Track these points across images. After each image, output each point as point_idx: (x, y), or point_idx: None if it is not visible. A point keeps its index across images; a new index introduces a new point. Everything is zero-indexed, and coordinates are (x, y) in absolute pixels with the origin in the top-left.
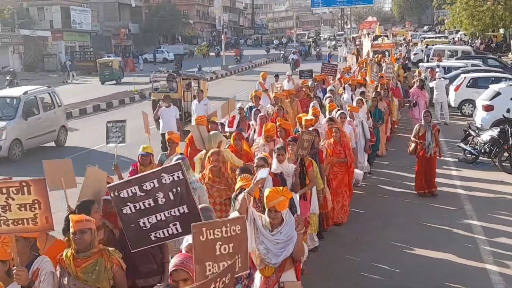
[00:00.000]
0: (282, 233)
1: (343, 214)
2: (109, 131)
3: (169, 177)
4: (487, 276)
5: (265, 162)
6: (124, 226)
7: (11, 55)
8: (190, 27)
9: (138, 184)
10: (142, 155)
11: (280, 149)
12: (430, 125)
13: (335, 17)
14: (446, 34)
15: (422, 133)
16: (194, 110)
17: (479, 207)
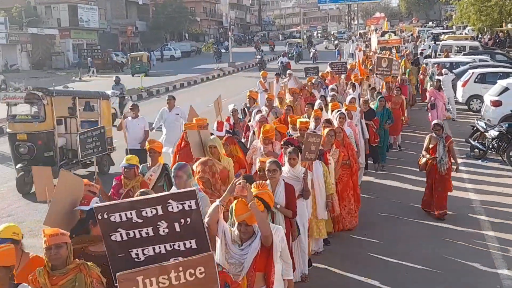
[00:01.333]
0: (252, 246)
1: (350, 219)
2: (83, 143)
3: (178, 205)
4: (495, 271)
5: (277, 166)
6: (110, 254)
7: (19, 53)
8: (197, 24)
9: (136, 208)
10: (126, 167)
11: (291, 153)
12: (442, 136)
13: (342, 13)
14: (454, 30)
15: (433, 146)
16: (164, 120)
17: (487, 203)
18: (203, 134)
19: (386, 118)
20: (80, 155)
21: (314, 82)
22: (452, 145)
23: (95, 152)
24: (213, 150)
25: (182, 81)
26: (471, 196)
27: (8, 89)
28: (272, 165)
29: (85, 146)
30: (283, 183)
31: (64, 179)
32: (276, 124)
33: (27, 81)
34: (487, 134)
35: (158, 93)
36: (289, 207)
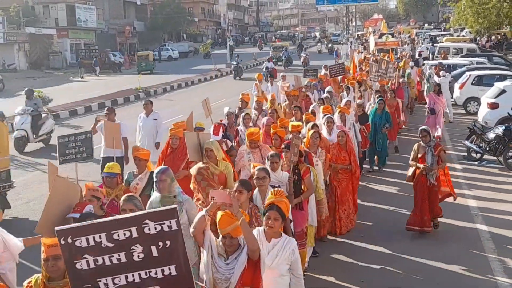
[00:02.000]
0: (239, 260)
1: (347, 223)
2: (62, 147)
3: (156, 226)
4: (492, 273)
5: (266, 173)
6: (74, 286)
7: (16, 53)
8: (195, 25)
9: (106, 231)
10: (107, 176)
11: (273, 156)
12: (431, 145)
13: (340, 14)
14: (451, 32)
15: (422, 155)
16: (141, 126)
17: (483, 205)
18: (201, 137)
19: (384, 122)
20: (58, 159)
21: (307, 84)
22: (442, 153)
23: (77, 158)
24: (209, 153)
25: (180, 81)
26: (467, 198)
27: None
28: (261, 172)
29: (64, 150)
30: (272, 190)
31: (59, 185)
32: (276, 128)
33: (25, 81)
34: (484, 136)
35: (155, 94)
36: None
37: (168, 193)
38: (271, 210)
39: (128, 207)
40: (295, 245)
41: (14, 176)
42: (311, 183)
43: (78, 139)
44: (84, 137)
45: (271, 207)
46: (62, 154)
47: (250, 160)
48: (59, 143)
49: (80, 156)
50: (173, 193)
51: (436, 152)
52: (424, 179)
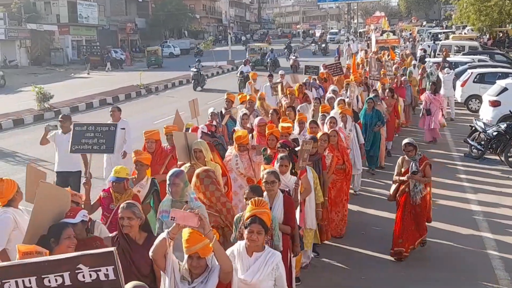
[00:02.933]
0: (208, 284)
1: (342, 225)
2: (78, 136)
3: (91, 273)
4: (492, 271)
5: (276, 177)
6: None
7: (17, 49)
8: (196, 22)
9: (36, 274)
10: (114, 181)
11: (283, 159)
12: (416, 158)
13: (341, 12)
14: (453, 29)
15: (406, 170)
16: None
17: (485, 203)
18: (189, 138)
19: (376, 120)
20: (70, 148)
21: (305, 82)
22: (428, 168)
23: (94, 149)
24: (198, 154)
25: (181, 78)
26: (468, 196)
27: None
28: (271, 176)
29: (79, 139)
30: (282, 196)
31: (44, 191)
32: (272, 129)
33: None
34: (486, 134)
35: (157, 90)
36: (288, 223)
37: (180, 198)
38: (254, 223)
39: (126, 215)
40: (280, 260)
41: None
42: (308, 183)
43: (99, 130)
44: (107, 129)
45: (254, 219)
46: (76, 143)
47: (237, 163)
48: (75, 130)
49: (97, 148)
50: (185, 198)
51: (421, 167)
52: (407, 197)
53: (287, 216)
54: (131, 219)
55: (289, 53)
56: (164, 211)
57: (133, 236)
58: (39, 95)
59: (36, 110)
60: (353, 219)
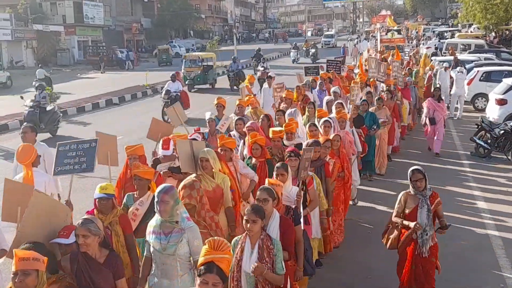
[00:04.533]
0: None
1: (339, 234)
2: (61, 157)
3: None
4: (499, 270)
5: (269, 195)
6: None
7: (24, 50)
8: (201, 22)
9: None
10: (100, 198)
11: (279, 168)
12: (426, 195)
13: (347, 11)
14: (459, 28)
15: (412, 210)
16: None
17: (491, 202)
18: (196, 146)
19: (371, 123)
20: (53, 169)
21: (305, 84)
22: (440, 208)
23: (75, 169)
24: (204, 164)
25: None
26: (475, 194)
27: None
28: (263, 193)
29: (62, 160)
30: (278, 216)
31: (38, 201)
32: (255, 137)
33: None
34: (492, 132)
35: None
36: (285, 247)
37: (169, 217)
38: (210, 272)
39: (81, 233)
40: None
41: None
42: (316, 193)
43: (80, 147)
44: (88, 146)
45: (209, 267)
46: (59, 164)
47: None
48: (59, 151)
49: (78, 168)
50: (176, 217)
51: (432, 207)
52: (413, 247)
53: (284, 240)
54: (86, 237)
55: (257, 63)
56: (152, 232)
57: (92, 254)
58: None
59: None
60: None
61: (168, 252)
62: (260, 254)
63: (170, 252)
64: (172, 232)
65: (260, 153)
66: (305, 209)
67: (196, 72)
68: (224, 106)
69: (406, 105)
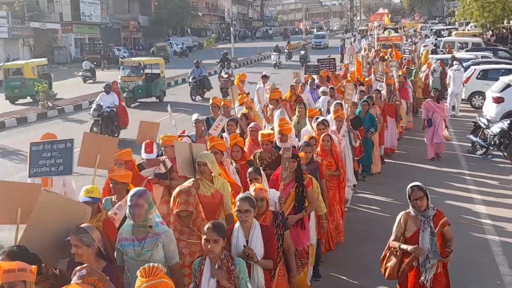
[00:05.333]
0: None
1: (337, 235)
2: (35, 157)
3: None
4: (496, 268)
5: (251, 205)
6: None
7: (21, 48)
8: (199, 19)
9: None
10: (86, 202)
11: (252, 173)
12: (429, 216)
13: (344, 9)
14: (457, 26)
15: (413, 234)
16: None
17: (488, 200)
18: (194, 148)
19: (369, 125)
20: (28, 171)
21: (296, 82)
22: (447, 229)
23: (52, 172)
24: (202, 168)
25: (183, 76)
26: (472, 192)
27: None
28: (244, 203)
29: (37, 161)
30: (258, 226)
31: (47, 201)
32: (235, 138)
33: None
34: (489, 130)
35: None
36: (270, 256)
37: (143, 221)
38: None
39: (73, 242)
40: None
41: None
42: (314, 196)
43: (55, 148)
44: (63, 146)
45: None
46: (34, 165)
47: None
48: (32, 151)
49: (55, 170)
50: (149, 222)
51: (437, 229)
52: (415, 276)
53: (267, 248)
54: (78, 247)
55: (222, 67)
56: (123, 239)
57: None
58: (42, 94)
59: (40, 109)
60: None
61: (143, 258)
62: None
63: (145, 258)
64: (146, 237)
65: (241, 155)
66: (301, 212)
67: (137, 82)
68: (219, 106)
69: (404, 106)
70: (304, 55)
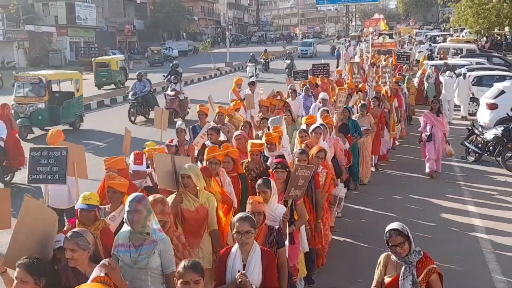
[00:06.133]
0: None
1: (324, 244)
2: (33, 164)
3: None
4: (489, 274)
5: (252, 225)
6: None
7: (16, 51)
8: (194, 24)
9: None
10: (83, 209)
11: (261, 185)
12: (412, 262)
13: (340, 14)
14: (451, 32)
15: (392, 279)
16: None
17: (482, 206)
18: (177, 160)
19: (353, 131)
20: (27, 177)
21: (290, 88)
22: (435, 278)
23: (49, 180)
24: (186, 181)
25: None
26: (465, 198)
27: None
28: (244, 224)
29: (35, 167)
30: (259, 249)
31: (30, 207)
32: (227, 148)
33: None
34: (483, 137)
35: (154, 92)
36: (270, 284)
37: (142, 228)
38: None
39: (69, 247)
40: None
41: None
42: (304, 210)
43: (52, 155)
44: (59, 154)
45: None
46: (32, 171)
47: None
48: (31, 156)
49: (51, 178)
50: (147, 229)
51: (420, 277)
52: None
53: (267, 276)
54: (74, 251)
55: (168, 83)
56: (120, 245)
57: (82, 269)
58: None
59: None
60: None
61: (139, 265)
62: None
63: (141, 265)
64: (143, 244)
65: (232, 167)
66: (290, 226)
67: (36, 105)
68: (207, 114)
69: (394, 114)
70: (290, 64)
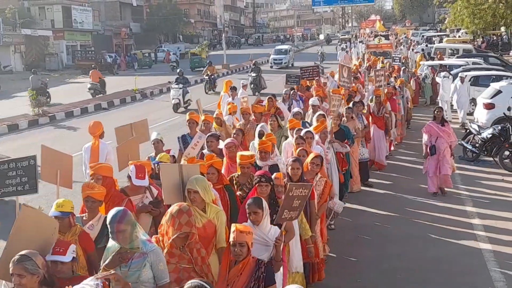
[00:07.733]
0: None
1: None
2: (2, 177)
3: None
4: (488, 273)
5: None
6: None
7: (12, 55)
8: (191, 26)
9: None
10: (57, 216)
11: (251, 205)
12: None
13: (336, 15)
14: (448, 33)
15: None
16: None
17: (480, 205)
18: (185, 171)
19: (344, 138)
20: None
21: (286, 92)
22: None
23: (19, 191)
24: (193, 196)
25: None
26: (463, 198)
27: None
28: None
29: (4, 181)
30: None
31: (25, 215)
32: (211, 159)
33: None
34: (480, 136)
35: (152, 95)
36: None
37: (130, 243)
38: None
39: (16, 272)
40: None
41: None
42: (292, 225)
43: (19, 165)
44: (26, 163)
45: None
46: (2, 185)
47: None
48: (0, 170)
49: (21, 189)
50: (136, 243)
51: None
52: None
53: None
54: (22, 277)
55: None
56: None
57: None
58: (34, 101)
59: (31, 116)
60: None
61: (131, 280)
62: None
63: (132, 280)
64: (133, 257)
65: (217, 178)
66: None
67: None
68: (197, 123)
69: (393, 118)
70: (256, 79)
